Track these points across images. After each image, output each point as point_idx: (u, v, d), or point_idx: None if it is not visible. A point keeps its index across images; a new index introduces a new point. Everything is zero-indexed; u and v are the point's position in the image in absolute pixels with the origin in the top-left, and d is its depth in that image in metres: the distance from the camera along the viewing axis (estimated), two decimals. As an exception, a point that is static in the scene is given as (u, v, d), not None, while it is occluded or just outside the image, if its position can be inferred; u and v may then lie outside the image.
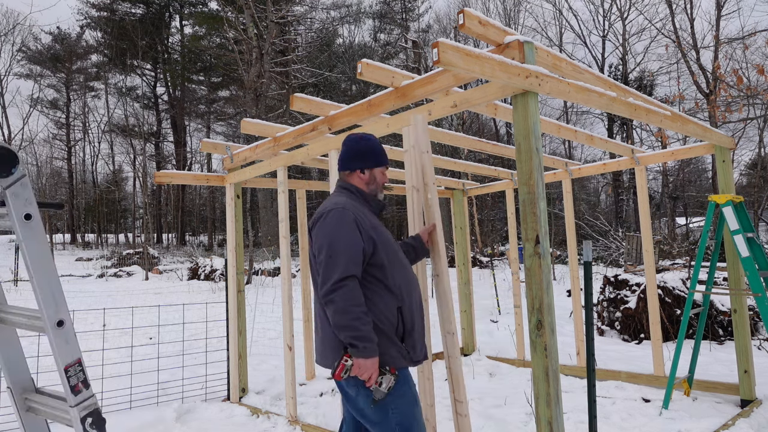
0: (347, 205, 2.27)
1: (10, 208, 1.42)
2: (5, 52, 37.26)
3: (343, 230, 2.18)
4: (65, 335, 1.45)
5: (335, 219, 2.21)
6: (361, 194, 2.47)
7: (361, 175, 2.50)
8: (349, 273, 2.11)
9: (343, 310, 2.08)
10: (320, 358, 2.34)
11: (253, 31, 19.99)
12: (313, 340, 2.47)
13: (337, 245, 2.15)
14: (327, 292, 2.12)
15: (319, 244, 2.22)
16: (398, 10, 33.85)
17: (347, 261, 2.13)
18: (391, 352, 2.22)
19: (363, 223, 2.26)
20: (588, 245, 3.06)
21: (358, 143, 2.53)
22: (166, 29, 38.84)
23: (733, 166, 4.90)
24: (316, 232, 2.25)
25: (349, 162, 2.51)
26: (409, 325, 2.29)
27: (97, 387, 4.51)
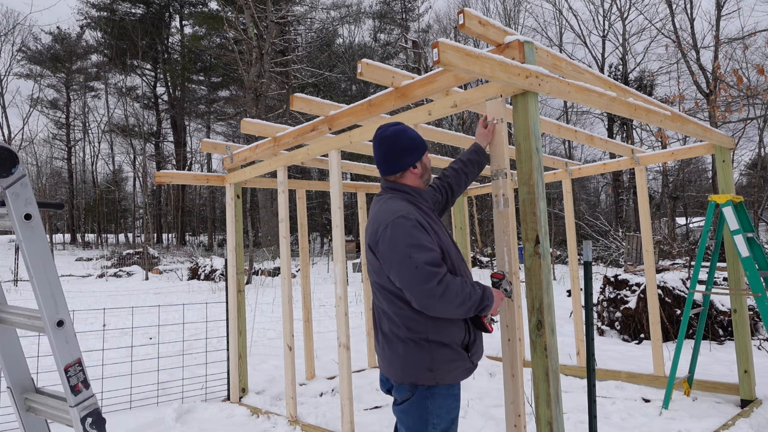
0: (410, 211, 2.10)
1: (10, 208, 1.42)
2: (5, 52, 37.26)
3: (416, 236, 2.02)
4: (65, 335, 1.45)
5: (404, 226, 2.04)
6: (416, 193, 2.26)
7: (414, 170, 2.26)
8: (440, 275, 1.98)
9: (451, 304, 1.99)
10: (399, 373, 2.14)
11: (253, 31, 19.99)
12: (381, 350, 2.25)
13: (417, 250, 1.99)
14: (424, 304, 1.99)
15: (398, 255, 2.02)
16: (398, 10, 33.87)
17: (431, 261, 1.99)
18: (457, 365, 2.11)
19: (426, 225, 2.11)
20: (588, 245, 3.06)
21: (399, 137, 2.25)
22: (166, 29, 38.86)
23: (733, 166, 4.91)
24: (385, 242, 2.06)
25: (399, 161, 2.25)
26: (473, 333, 2.18)
27: (97, 387, 4.52)
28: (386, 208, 2.15)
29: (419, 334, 2.08)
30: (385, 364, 2.21)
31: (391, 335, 2.15)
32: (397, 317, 2.13)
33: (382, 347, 2.22)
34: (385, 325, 2.20)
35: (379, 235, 2.10)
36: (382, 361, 2.23)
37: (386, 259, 2.07)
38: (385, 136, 2.26)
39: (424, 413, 2.11)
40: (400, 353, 2.11)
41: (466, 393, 4.72)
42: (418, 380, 2.08)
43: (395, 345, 2.13)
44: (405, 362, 2.10)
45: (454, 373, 2.11)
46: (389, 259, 2.05)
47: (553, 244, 18.48)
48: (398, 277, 2.02)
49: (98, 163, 41.38)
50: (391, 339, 2.16)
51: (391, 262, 2.04)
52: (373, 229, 2.15)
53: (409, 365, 2.09)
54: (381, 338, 2.23)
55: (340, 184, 3.77)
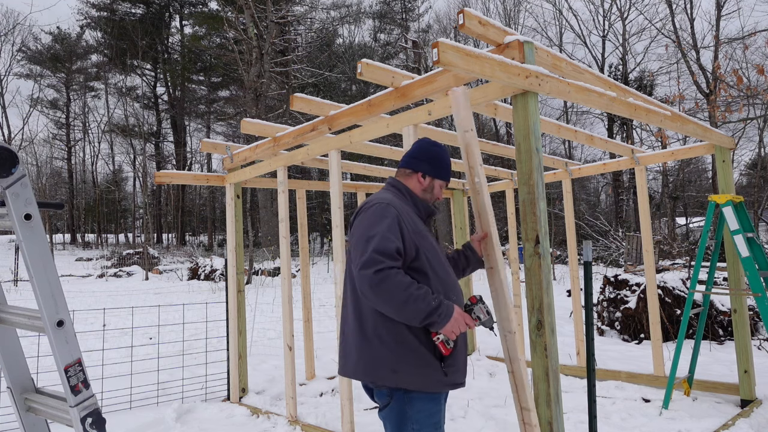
0: (393, 202, 2.10)
1: (10, 208, 1.42)
2: (5, 52, 37.23)
3: (383, 224, 2.00)
4: (65, 335, 1.45)
5: (377, 212, 2.05)
6: (410, 195, 2.28)
7: (422, 179, 2.29)
8: (384, 265, 1.92)
9: (389, 301, 1.92)
10: (365, 373, 2.08)
11: (253, 31, 20.00)
12: (342, 348, 2.20)
13: (374, 236, 1.98)
14: (362, 291, 1.97)
15: (356, 237, 2.04)
16: (398, 10, 33.86)
17: (382, 250, 1.94)
18: (427, 373, 2.02)
19: (407, 223, 2.08)
20: (588, 245, 3.06)
21: (433, 148, 2.34)
22: (166, 29, 38.85)
23: (733, 166, 4.91)
24: (355, 225, 2.09)
25: (416, 161, 2.30)
26: (451, 343, 2.08)
27: (97, 387, 4.52)
28: (376, 196, 2.19)
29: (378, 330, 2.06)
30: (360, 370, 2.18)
31: (363, 330, 2.12)
32: (365, 311, 2.09)
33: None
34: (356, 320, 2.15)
35: (357, 213, 2.16)
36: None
37: (353, 234, 2.09)
38: (426, 141, 2.39)
39: (402, 419, 2.06)
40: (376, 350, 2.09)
41: (466, 393, 4.72)
42: (382, 381, 2.06)
43: (371, 341, 2.11)
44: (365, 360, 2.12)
45: (422, 381, 2.04)
46: (352, 239, 2.08)
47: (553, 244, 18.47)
48: (351, 259, 2.05)
49: (98, 163, 41.41)
50: (366, 336, 2.12)
51: (352, 242, 2.07)
52: (357, 210, 2.19)
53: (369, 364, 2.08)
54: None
55: (340, 184, 3.77)
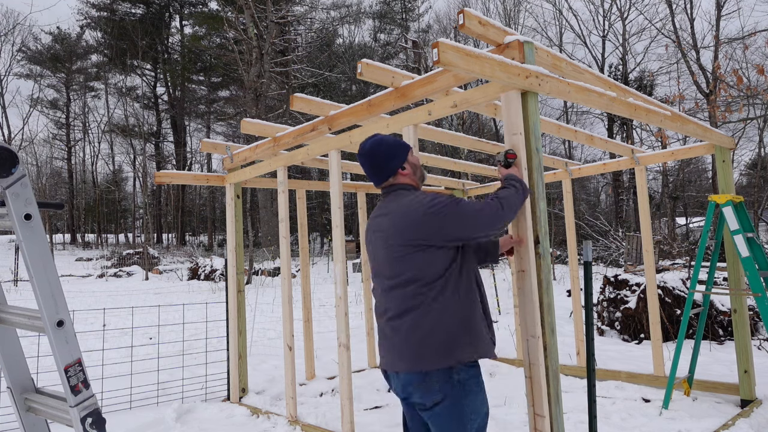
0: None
1: (10, 208, 1.42)
2: (5, 52, 37.28)
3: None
4: (65, 335, 1.45)
5: (436, 195, 2.13)
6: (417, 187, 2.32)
7: (403, 171, 2.27)
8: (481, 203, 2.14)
9: (514, 204, 2.20)
10: (419, 358, 2.03)
11: (253, 31, 20.00)
12: (387, 344, 2.16)
13: (458, 200, 2.10)
14: (493, 219, 2.11)
15: (447, 214, 2.05)
16: (398, 10, 33.88)
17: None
18: (485, 338, 2.12)
19: None
20: (588, 245, 3.06)
21: (378, 148, 2.27)
22: (166, 29, 38.86)
23: (733, 166, 4.91)
24: (430, 217, 2.06)
25: (386, 168, 2.26)
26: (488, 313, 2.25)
27: (97, 387, 4.52)
28: (410, 198, 2.14)
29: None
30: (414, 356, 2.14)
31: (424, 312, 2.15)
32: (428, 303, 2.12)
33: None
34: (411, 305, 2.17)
35: (431, 209, 2.07)
36: None
37: (437, 217, 2.04)
38: (364, 152, 2.28)
39: (460, 410, 2.06)
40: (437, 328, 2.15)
41: (466, 393, 4.72)
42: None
43: (433, 320, 2.14)
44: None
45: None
46: (439, 215, 2.05)
47: (553, 244, 18.48)
48: (453, 222, 2.06)
49: (98, 163, 41.39)
50: (426, 316, 2.14)
51: (460, 224, 2.07)
52: (403, 211, 2.12)
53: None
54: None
55: (340, 184, 3.77)
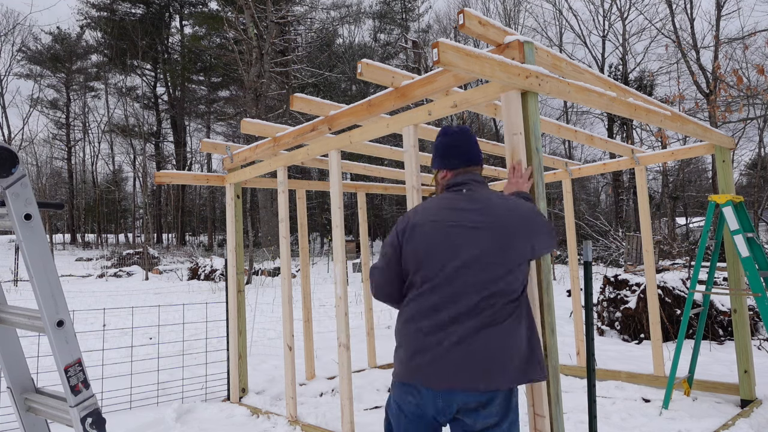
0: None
1: (10, 208, 1.42)
2: (5, 52, 37.27)
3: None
4: (65, 335, 1.45)
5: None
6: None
7: (482, 167, 2.27)
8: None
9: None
10: (494, 375, 1.85)
11: (253, 31, 20.00)
12: (443, 356, 1.88)
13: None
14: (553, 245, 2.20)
15: (534, 218, 2.09)
16: (398, 10, 33.90)
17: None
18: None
19: None
20: (588, 245, 3.06)
21: (469, 133, 2.25)
22: (166, 29, 38.87)
23: (733, 166, 4.91)
24: (538, 219, 2.09)
25: (472, 155, 2.20)
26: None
27: (97, 387, 4.52)
28: (518, 201, 2.12)
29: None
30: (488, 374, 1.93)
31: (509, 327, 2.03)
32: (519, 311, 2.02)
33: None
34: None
35: (546, 221, 2.17)
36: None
37: (541, 226, 2.11)
38: (456, 131, 2.22)
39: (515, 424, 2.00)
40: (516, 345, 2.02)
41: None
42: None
43: (513, 335, 2.02)
44: None
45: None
46: (543, 223, 2.12)
47: (553, 244, 18.42)
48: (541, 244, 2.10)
49: (98, 163, 41.41)
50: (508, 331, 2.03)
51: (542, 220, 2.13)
52: (509, 208, 2.02)
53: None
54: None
55: (340, 184, 3.77)
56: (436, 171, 2.24)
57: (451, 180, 2.14)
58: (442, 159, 2.19)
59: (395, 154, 4.82)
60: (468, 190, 2.08)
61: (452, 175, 2.15)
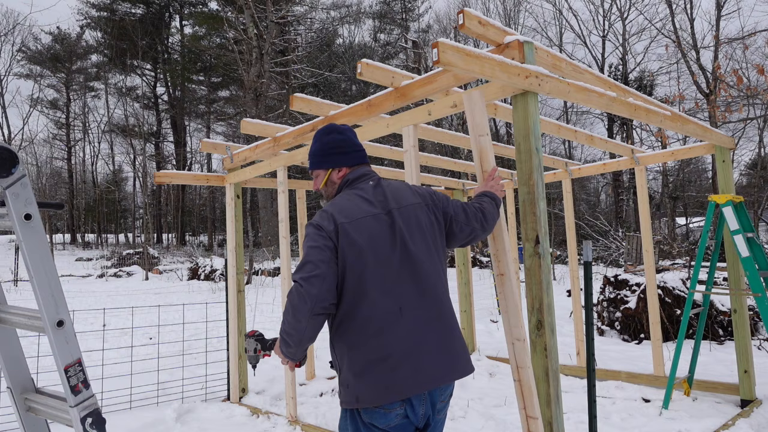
0: None
1: (10, 208, 1.42)
2: (5, 52, 37.38)
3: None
4: (65, 335, 1.45)
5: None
6: None
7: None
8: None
9: (493, 217, 2.21)
10: (463, 364, 1.89)
11: (253, 31, 20.00)
12: (442, 345, 1.85)
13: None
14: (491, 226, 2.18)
15: (445, 195, 2.11)
16: (398, 10, 33.86)
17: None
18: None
19: None
20: (588, 245, 3.06)
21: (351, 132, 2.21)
22: (166, 29, 38.84)
23: (733, 166, 4.91)
24: (444, 198, 2.09)
25: (362, 152, 2.17)
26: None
27: (97, 387, 4.52)
28: (408, 185, 2.09)
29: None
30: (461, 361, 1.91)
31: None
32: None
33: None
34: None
35: (437, 195, 2.08)
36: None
37: (449, 205, 2.05)
38: (343, 128, 2.13)
39: None
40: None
41: (466, 393, 4.72)
42: None
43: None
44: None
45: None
46: (452, 204, 2.06)
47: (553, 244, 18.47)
48: (461, 220, 2.04)
49: (98, 163, 41.36)
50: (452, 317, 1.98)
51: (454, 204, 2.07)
52: (421, 192, 2.03)
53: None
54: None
55: (340, 184, 3.76)
56: (326, 171, 2.08)
57: (350, 175, 2.04)
58: (340, 156, 2.06)
59: (395, 154, 4.82)
60: (373, 182, 2.01)
61: (351, 171, 2.06)
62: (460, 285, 6.49)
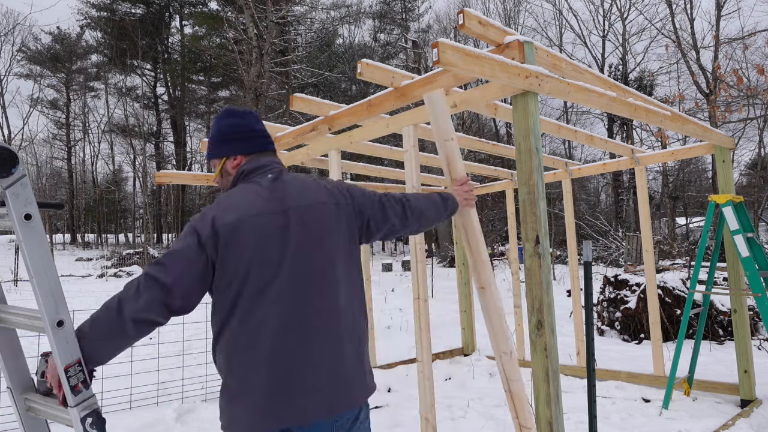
0: None
1: (10, 208, 1.42)
2: (5, 52, 37.31)
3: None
4: (65, 335, 1.45)
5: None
6: None
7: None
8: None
9: (425, 210, 1.99)
10: (361, 386, 1.69)
11: (253, 31, 20.00)
12: (342, 357, 1.64)
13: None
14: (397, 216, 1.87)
15: (362, 191, 1.85)
16: (398, 10, 33.88)
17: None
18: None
19: None
20: (588, 245, 3.06)
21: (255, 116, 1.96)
22: (166, 29, 38.84)
23: (733, 166, 4.91)
24: (361, 194, 1.83)
25: (269, 138, 1.90)
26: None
27: (97, 387, 4.51)
28: (314, 178, 1.84)
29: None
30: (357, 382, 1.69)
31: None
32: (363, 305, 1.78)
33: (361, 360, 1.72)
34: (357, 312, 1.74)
35: (352, 191, 1.81)
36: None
37: (358, 194, 1.81)
38: (244, 112, 1.89)
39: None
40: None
41: (466, 393, 4.72)
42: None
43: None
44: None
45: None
46: (360, 193, 1.82)
47: (553, 244, 18.48)
48: (375, 203, 1.83)
49: (98, 163, 41.35)
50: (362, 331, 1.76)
51: (362, 191, 1.84)
52: (332, 189, 1.76)
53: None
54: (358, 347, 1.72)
55: (340, 184, 3.76)
56: (221, 160, 1.82)
57: (246, 165, 1.76)
58: (236, 142, 1.80)
59: (395, 154, 4.82)
60: (273, 174, 1.74)
61: (248, 161, 1.78)
62: (460, 285, 6.48)
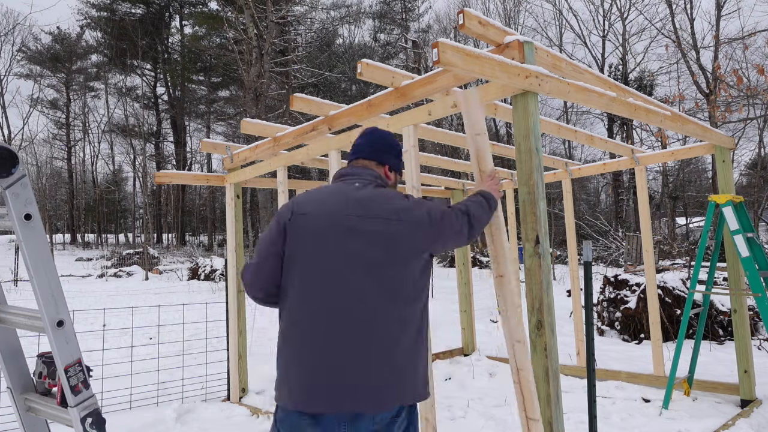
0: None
1: (10, 208, 1.42)
2: (5, 52, 37.34)
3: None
4: (65, 335, 1.45)
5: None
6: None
7: (389, 173, 2.09)
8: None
9: (484, 214, 2.09)
10: (396, 392, 1.71)
11: (253, 31, 20.00)
12: (353, 372, 1.70)
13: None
14: (465, 228, 1.95)
15: (426, 209, 1.86)
16: (398, 10, 33.87)
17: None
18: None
19: None
20: (588, 245, 3.06)
21: (394, 139, 2.16)
22: (166, 29, 38.84)
23: (733, 166, 4.91)
24: (414, 207, 1.84)
25: (385, 153, 2.08)
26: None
27: (97, 387, 4.51)
28: (387, 190, 1.94)
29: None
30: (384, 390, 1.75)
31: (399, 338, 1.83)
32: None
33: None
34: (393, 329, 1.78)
35: (395, 206, 1.82)
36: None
37: (419, 209, 1.84)
38: (380, 131, 2.15)
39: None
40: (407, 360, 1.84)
41: (466, 393, 4.72)
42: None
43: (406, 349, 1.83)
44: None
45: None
46: (423, 208, 1.85)
47: (553, 244, 18.47)
48: (434, 224, 1.83)
49: (98, 163, 41.38)
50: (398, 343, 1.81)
51: (428, 209, 1.87)
52: (408, 214, 1.79)
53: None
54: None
55: (340, 184, 3.76)
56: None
57: (343, 170, 2.07)
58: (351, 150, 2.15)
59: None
60: (361, 183, 1.93)
61: (347, 166, 2.10)
62: (460, 285, 6.48)
